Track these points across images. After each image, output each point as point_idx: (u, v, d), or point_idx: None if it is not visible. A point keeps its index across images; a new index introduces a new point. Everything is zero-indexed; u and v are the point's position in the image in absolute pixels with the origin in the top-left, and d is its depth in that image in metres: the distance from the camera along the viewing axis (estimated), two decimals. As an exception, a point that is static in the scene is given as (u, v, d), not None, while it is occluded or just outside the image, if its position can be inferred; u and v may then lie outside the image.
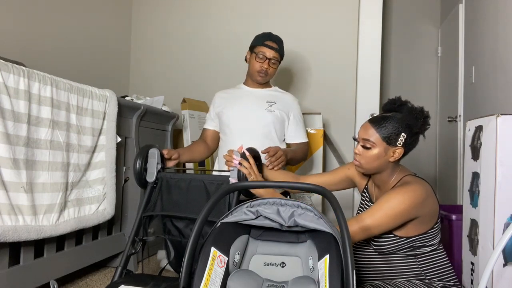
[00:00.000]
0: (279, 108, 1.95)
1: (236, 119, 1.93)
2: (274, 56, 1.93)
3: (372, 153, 1.34)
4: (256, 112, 1.93)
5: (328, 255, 0.91)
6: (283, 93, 2.07)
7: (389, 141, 1.32)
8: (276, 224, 1.04)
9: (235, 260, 1.04)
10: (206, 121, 2.09)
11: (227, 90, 2.11)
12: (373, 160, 1.35)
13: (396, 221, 1.26)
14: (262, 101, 1.96)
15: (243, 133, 1.89)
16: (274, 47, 1.93)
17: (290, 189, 1.68)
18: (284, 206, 1.04)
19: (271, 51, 1.92)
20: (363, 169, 1.40)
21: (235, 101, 1.98)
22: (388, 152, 1.33)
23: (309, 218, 1.01)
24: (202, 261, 0.96)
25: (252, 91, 2.02)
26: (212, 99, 2.09)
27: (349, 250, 0.86)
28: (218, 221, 1.07)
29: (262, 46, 1.92)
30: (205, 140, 2.06)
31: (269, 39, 1.95)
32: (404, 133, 1.31)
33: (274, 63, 1.94)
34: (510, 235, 1.08)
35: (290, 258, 1.08)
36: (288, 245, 1.09)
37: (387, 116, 1.34)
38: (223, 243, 1.02)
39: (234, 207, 1.09)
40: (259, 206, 1.05)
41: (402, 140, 1.31)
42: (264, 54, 1.91)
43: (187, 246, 0.95)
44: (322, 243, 0.97)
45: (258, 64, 1.93)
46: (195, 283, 0.92)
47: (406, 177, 1.35)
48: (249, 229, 1.10)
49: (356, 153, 1.40)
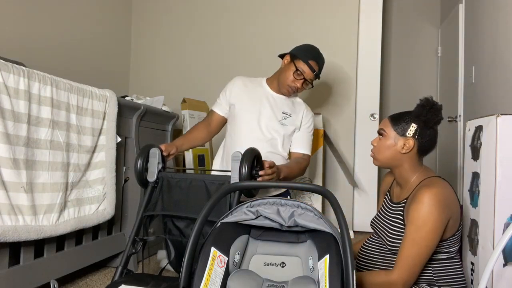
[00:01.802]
0: (292, 121, 1.89)
1: (247, 123, 1.86)
2: (311, 78, 1.83)
3: (384, 143, 1.37)
4: (269, 122, 1.85)
5: (328, 255, 0.91)
6: (301, 104, 1.96)
7: (400, 131, 1.34)
8: (276, 224, 1.04)
9: (235, 260, 1.04)
10: (216, 104, 1.97)
11: (247, 80, 1.97)
12: (384, 150, 1.37)
13: (438, 236, 1.24)
14: (278, 111, 1.88)
15: (251, 139, 1.83)
16: (315, 69, 1.81)
17: (291, 189, 1.68)
18: (284, 206, 1.04)
19: (310, 73, 1.81)
20: (376, 160, 1.42)
21: (252, 102, 1.89)
22: (399, 142, 1.34)
23: (309, 218, 1.01)
24: (202, 261, 0.96)
25: (272, 96, 1.91)
26: (230, 83, 1.96)
27: (349, 250, 0.86)
28: (218, 221, 1.07)
29: (304, 64, 1.80)
30: (210, 124, 1.96)
31: (314, 59, 1.82)
32: (414, 124, 1.32)
33: (308, 83, 1.84)
34: (510, 235, 1.08)
35: (290, 258, 1.08)
36: (288, 245, 1.09)
37: (406, 111, 1.39)
38: (223, 243, 1.02)
39: (234, 207, 1.09)
40: (259, 206, 1.05)
41: (412, 130, 1.33)
42: (303, 72, 1.80)
43: (187, 246, 0.95)
44: (322, 243, 0.97)
45: (292, 79, 1.82)
46: (195, 283, 0.92)
47: (427, 180, 1.32)
48: (249, 229, 1.10)
49: (372, 145, 1.43)
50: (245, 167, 1.39)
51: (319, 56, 1.86)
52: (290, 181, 1.75)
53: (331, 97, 3.00)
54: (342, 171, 2.95)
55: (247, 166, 1.39)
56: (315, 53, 1.85)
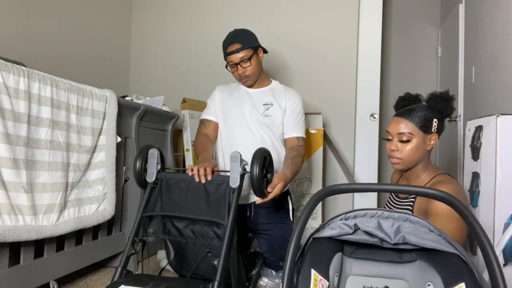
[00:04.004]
0: (277, 109, 1.91)
1: (235, 125, 1.91)
2: (241, 57, 1.84)
3: (412, 145, 1.33)
4: (253, 117, 1.89)
5: (464, 283, 0.75)
6: (280, 90, 1.99)
7: (425, 129, 1.33)
8: (377, 240, 0.89)
9: (334, 283, 0.88)
10: (208, 112, 1.99)
11: (224, 87, 2.05)
12: (414, 152, 1.33)
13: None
14: (259, 105, 1.93)
15: (241, 139, 1.87)
16: (235, 49, 1.84)
17: (408, 193, 1.56)
18: (388, 220, 0.88)
19: (235, 56, 1.84)
20: (404, 164, 1.36)
21: (234, 103, 1.95)
22: (426, 141, 1.34)
23: (423, 235, 0.84)
24: (303, 286, 0.81)
25: (249, 93, 1.98)
26: (215, 91, 2.04)
27: (501, 279, 0.69)
28: (310, 236, 0.93)
29: (227, 56, 1.87)
30: (210, 133, 1.96)
31: (228, 44, 1.87)
32: (435, 119, 1.32)
33: (246, 61, 1.85)
34: (510, 235, 1.08)
35: (394, 282, 0.92)
36: (390, 265, 0.93)
37: (414, 107, 1.35)
38: (322, 263, 0.86)
39: (327, 221, 0.95)
40: (356, 219, 0.91)
41: (435, 125, 1.33)
42: (232, 62, 1.86)
43: (285, 267, 0.80)
44: (448, 267, 0.80)
45: (234, 74, 1.90)
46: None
47: (439, 176, 1.33)
48: (342, 245, 0.94)
49: (393, 150, 1.36)
50: (256, 168, 1.39)
51: (229, 38, 1.88)
52: (412, 185, 1.72)
53: (331, 97, 3.00)
54: (342, 171, 2.95)
55: (258, 166, 1.39)
56: (225, 40, 1.89)
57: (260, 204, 1.59)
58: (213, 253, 1.36)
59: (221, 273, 1.24)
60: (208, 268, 1.40)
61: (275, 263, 1.85)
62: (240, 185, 1.39)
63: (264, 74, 2.02)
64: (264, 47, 1.97)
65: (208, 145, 1.89)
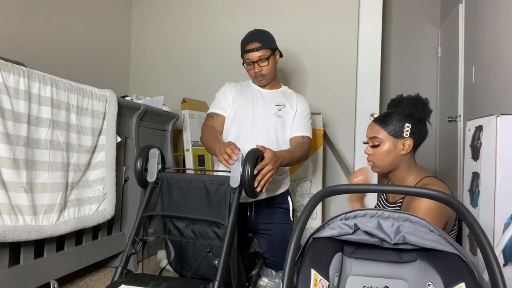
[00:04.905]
0: (289, 110, 1.93)
1: (245, 123, 1.89)
2: (259, 56, 1.87)
3: (382, 150, 1.36)
4: (264, 117, 1.89)
5: (464, 283, 0.75)
6: (292, 94, 2.02)
7: (396, 134, 1.34)
8: (377, 240, 0.89)
9: (334, 283, 0.88)
10: (217, 106, 1.97)
11: (235, 84, 2.02)
12: (385, 156, 1.36)
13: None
14: (271, 105, 1.93)
15: (249, 137, 1.85)
16: (254, 48, 1.86)
17: (405, 194, 1.57)
18: (388, 220, 0.88)
19: (254, 54, 1.87)
20: (378, 168, 1.41)
21: (246, 102, 1.93)
22: (398, 146, 1.35)
23: (423, 235, 0.84)
24: (303, 286, 0.81)
25: (261, 92, 1.98)
26: (225, 86, 2.01)
27: (500, 279, 0.69)
28: (310, 236, 0.93)
29: (245, 54, 1.89)
30: (217, 126, 1.93)
31: (248, 42, 1.89)
32: (408, 123, 1.33)
33: (264, 61, 1.88)
34: (510, 235, 1.08)
35: (394, 282, 0.92)
36: (390, 265, 0.92)
37: (389, 112, 1.39)
38: (321, 263, 0.86)
39: (327, 221, 0.95)
40: (356, 219, 0.91)
41: (408, 130, 1.33)
42: (249, 60, 1.89)
43: (285, 268, 0.80)
44: (449, 267, 0.80)
45: (250, 71, 1.92)
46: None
47: (426, 179, 1.34)
48: (342, 245, 0.94)
49: (367, 154, 1.41)
50: (247, 168, 1.38)
51: (250, 36, 1.91)
52: (404, 186, 1.70)
53: (331, 97, 3.00)
54: (342, 171, 2.95)
55: (250, 167, 1.39)
56: (246, 38, 1.92)
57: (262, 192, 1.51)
58: (213, 253, 1.36)
59: (222, 273, 1.24)
60: (208, 268, 1.40)
61: (275, 263, 1.85)
62: (240, 185, 1.39)
63: (277, 78, 2.05)
64: (281, 51, 2.00)
65: (218, 136, 1.88)
